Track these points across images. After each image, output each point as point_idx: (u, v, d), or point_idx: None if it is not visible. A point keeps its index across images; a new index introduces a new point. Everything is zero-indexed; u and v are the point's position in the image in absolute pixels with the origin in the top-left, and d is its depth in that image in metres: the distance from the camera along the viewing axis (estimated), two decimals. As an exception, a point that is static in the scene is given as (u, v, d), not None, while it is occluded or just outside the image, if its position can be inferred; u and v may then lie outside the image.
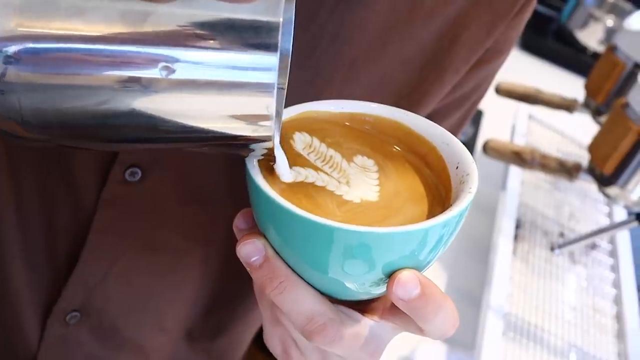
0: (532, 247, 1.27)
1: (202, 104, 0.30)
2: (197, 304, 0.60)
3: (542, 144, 1.57)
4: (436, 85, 0.50)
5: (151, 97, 0.29)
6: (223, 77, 0.29)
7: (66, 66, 0.28)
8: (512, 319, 1.09)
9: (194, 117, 0.30)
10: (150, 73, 0.29)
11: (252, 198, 0.35)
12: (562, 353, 1.08)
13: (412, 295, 0.34)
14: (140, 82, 0.29)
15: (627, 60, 1.31)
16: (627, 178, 1.11)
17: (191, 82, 0.29)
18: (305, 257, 0.34)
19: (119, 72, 0.29)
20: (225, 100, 0.30)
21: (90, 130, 0.31)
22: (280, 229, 0.34)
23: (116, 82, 0.29)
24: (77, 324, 0.56)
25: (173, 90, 0.29)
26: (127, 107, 0.29)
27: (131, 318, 0.59)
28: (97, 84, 0.29)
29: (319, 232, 0.32)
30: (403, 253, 0.33)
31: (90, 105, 0.29)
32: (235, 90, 0.30)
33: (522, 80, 1.52)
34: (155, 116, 0.30)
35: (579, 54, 2.18)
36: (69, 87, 0.29)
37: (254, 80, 0.29)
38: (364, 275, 0.34)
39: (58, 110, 0.29)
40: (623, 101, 1.12)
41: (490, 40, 0.51)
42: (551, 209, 1.40)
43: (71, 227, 0.52)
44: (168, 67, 0.29)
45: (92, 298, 0.55)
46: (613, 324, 1.18)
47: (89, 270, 0.53)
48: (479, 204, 1.43)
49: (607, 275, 1.28)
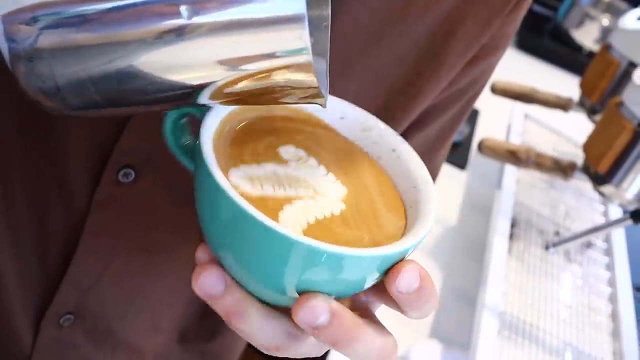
0: (528, 245, 1.27)
1: (232, 47, 0.29)
2: (192, 304, 0.60)
3: (538, 143, 1.57)
4: (432, 80, 0.50)
5: (179, 46, 0.28)
6: (250, 13, 0.28)
7: (94, 26, 0.28)
8: (508, 318, 1.09)
9: (228, 59, 0.29)
10: (174, 16, 0.28)
11: (211, 204, 0.33)
12: (557, 352, 1.08)
13: (412, 288, 0.33)
14: (166, 29, 0.28)
15: (621, 59, 1.31)
16: (621, 176, 1.11)
17: (217, 23, 0.28)
18: (266, 276, 0.33)
19: (145, 22, 0.28)
20: (258, 38, 0.28)
21: (127, 89, 0.30)
22: (244, 243, 0.32)
23: (145, 33, 0.28)
24: (71, 327, 0.56)
25: (203, 35, 0.28)
26: (158, 59, 0.29)
27: (126, 320, 0.58)
28: (126, 39, 0.28)
29: (297, 249, 0.30)
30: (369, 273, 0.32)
31: (123, 62, 0.29)
32: (265, 27, 0.28)
33: (518, 79, 1.52)
34: (188, 65, 0.29)
35: (575, 53, 2.19)
36: (99, 46, 0.29)
37: (284, 12, 0.28)
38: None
39: (91, 72, 0.29)
40: (618, 100, 1.12)
41: (486, 36, 0.51)
42: (546, 208, 1.40)
43: (63, 230, 0.51)
44: (191, 8, 0.28)
45: (86, 300, 0.55)
46: (608, 323, 1.18)
47: (82, 272, 0.53)
48: (475, 203, 1.43)
49: (602, 273, 1.28)
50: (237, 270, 0.34)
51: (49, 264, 0.53)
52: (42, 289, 0.54)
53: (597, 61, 1.39)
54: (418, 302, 0.34)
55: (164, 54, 0.29)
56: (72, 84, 0.30)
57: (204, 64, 0.29)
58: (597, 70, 1.37)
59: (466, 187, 1.49)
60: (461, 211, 1.40)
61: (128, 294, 0.56)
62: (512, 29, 0.53)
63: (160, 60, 0.29)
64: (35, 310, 0.55)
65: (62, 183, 0.49)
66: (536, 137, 1.61)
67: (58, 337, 0.56)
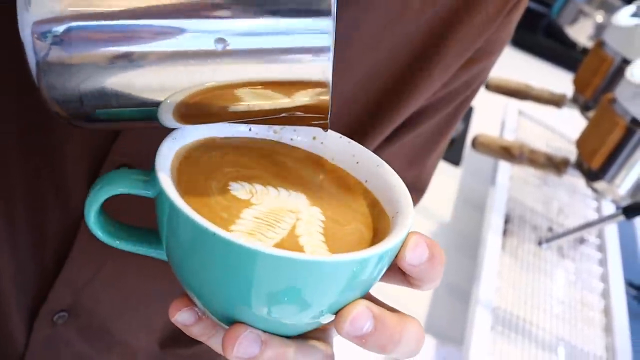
0: (521, 241, 1.27)
1: (257, 74, 0.29)
2: None
3: (532, 139, 1.58)
4: (425, 81, 0.51)
5: (206, 71, 0.29)
6: (278, 44, 0.29)
7: (118, 43, 0.28)
8: (501, 314, 1.10)
9: (249, 85, 0.30)
10: (205, 46, 0.28)
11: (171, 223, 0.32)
12: (550, 347, 1.09)
13: (424, 258, 0.33)
14: (195, 56, 0.28)
15: (615, 55, 1.32)
16: (614, 173, 1.12)
17: (246, 51, 0.29)
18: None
19: (172, 47, 0.28)
20: (281, 69, 0.29)
21: (148, 108, 0.30)
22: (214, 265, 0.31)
23: (169, 58, 0.28)
24: (64, 324, 0.56)
25: (230, 61, 0.29)
26: (184, 81, 0.29)
27: (121, 319, 0.58)
28: (151, 61, 0.28)
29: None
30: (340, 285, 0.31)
31: (147, 82, 0.29)
32: (290, 58, 0.29)
33: (512, 76, 1.53)
34: (211, 89, 0.30)
35: (569, 50, 2.20)
36: (124, 65, 0.28)
37: (310, 45, 0.29)
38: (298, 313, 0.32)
39: (116, 89, 0.29)
40: (610, 96, 1.13)
41: (481, 40, 0.51)
42: (540, 204, 1.41)
43: (60, 231, 0.51)
44: (223, 40, 0.28)
45: (80, 298, 0.55)
46: (601, 318, 1.18)
47: (77, 271, 0.53)
48: (469, 199, 1.44)
49: (595, 269, 1.29)
50: (264, 314, 0.32)
51: (44, 265, 0.53)
52: (37, 288, 0.54)
53: (591, 58, 1.40)
54: (432, 271, 0.34)
55: (186, 76, 0.29)
56: (97, 99, 0.30)
57: (229, 87, 0.30)
58: (590, 67, 1.38)
59: (460, 183, 1.49)
60: (455, 207, 1.41)
61: (122, 293, 0.56)
62: (506, 34, 0.53)
63: (182, 82, 0.29)
64: (29, 310, 0.55)
65: (59, 185, 0.49)
66: (530, 134, 1.62)
67: (52, 335, 0.56)
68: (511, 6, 0.51)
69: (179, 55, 0.29)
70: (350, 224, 0.35)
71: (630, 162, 1.09)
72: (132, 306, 0.58)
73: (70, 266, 0.52)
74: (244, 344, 0.31)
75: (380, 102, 0.51)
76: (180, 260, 0.34)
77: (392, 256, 0.32)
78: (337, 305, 0.32)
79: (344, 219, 0.35)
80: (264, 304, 0.31)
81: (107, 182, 0.34)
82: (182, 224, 0.30)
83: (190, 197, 0.32)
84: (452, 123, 0.58)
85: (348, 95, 0.50)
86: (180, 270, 0.34)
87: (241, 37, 0.28)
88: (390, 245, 0.31)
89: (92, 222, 0.36)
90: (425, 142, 0.57)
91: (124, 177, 0.35)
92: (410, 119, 0.53)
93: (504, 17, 0.51)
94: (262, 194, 0.35)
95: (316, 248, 0.32)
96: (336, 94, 0.49)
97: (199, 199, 0.33)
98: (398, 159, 0.55)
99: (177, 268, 0.35)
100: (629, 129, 1.07)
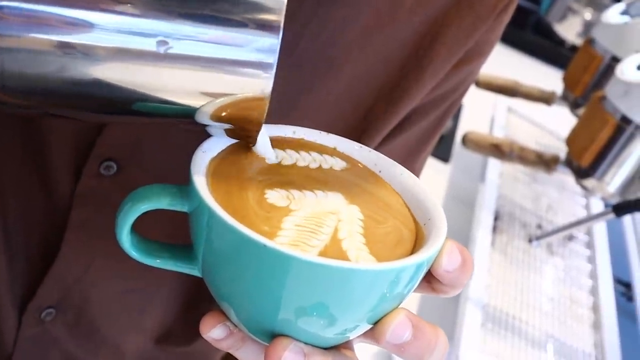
0: (511, 238, 1.28)
1: (193, 81, 0.29)
2: (176, 302, 0.59)
3: (521, 137, 1.58)
4: (417, 83, 0.51)
5: (142, 70, 0.28)
6: (220, 55, 0.28)
7: (53, 30, 0.27)
8: (491, 310, 1.10)
9: (182, 93, 0.29)
10: (145, 46, 0.27)
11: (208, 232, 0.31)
12: (539, 343, 1.09)
13: (457, 264, 0.33)
14: (134, 54, 0.27)
15: (604, 53, 1.32)
16: (604, 170, 1.12)
17: (186, 57, 0.28)
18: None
19: (110, 41, 0.27)
20: (220, 78, 0.29)
21: (76, 100, 0.29)
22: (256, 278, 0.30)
23: (106, 51, 0.27)
24: (52, 321, 0.56)
25: (166, 64, 0.28)
26: (119, 77, 0.28)
27: (109, 317, 0.58)
28: (85, 51, 0.27)
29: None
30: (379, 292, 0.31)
31: (77, 74, 0.28)
32: (231, 70, 0.29)
33: (502, 73, 1.53)
34: (142, 90, 0.29)
35: (558, 47, 2.20)
36: (55, 53, 0.27)
37: (253, 59, 0.28)
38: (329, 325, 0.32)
39: (42, 77, 0.28)
40: (600, 94, 1.13)
41: (471, 42, 0.51)
42: (529, 201, 1.41)
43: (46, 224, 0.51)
44: (165, 42, 0.27)
45: (68, 295, 0.54)
46: (589, 315, 1.19)
47: (66, 267, 0.53)
48: (458, 196, 1.44)
49: (584, 266, 1.30)
50: (307, 326, 0.32)
51: (33, 259, 0.52)
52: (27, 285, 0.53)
53: (580, 55, 1.40)
54: (463, 277, 0.34)
55: (124, 72, 0.28)
56: (19, 85, 0.28)
57: (161, 89, 0.29)
58: (580, 64, 1.38)
59: (450, 180, 1.49)
60: (444, 204, 1.41)
61: (112, 292, 0.56)
62: (495, 35, 0.53)
63: (116, 78, 0.28)
64: (18, 307, 0.54)
65: (44, 176, 0.49)
66: (519, 131, 1.62)
67: (40, 332, 0.56)
68: (501, 8, 0.51)
69: (116, 51, 0.27)
70: (388, 222, 0.35)
71: (620, 159, 1.09)
72: (121, 306, 0.57)
73: (60, 261, 0.52)
74: (289, 358, 0.32)
75: (373, 106, 0.50)
76: (220, 274, 0.33)
77: (430, 263, 0.33)
78: (378, 315, 0.32)
79: (382, 217, 0.35)
80: (308, 315, 0.31)
81: (138, 198, 0.33)
82: (227, 237, 0.30)
83: (229, 210, 0.31)
84: (440, 125, 0.58)
85: (338, 96, 0.49)
86: (218, 284, 0.34)
87: (185, 41, 0.28)
88: (431, 253, 0.32)
89: (125, 242, 0.35)
90: (413, 145, 0.57)
91: (156, 192, 0.34)
92: (399, 122, 0.53)
93: (494, 19, 0.51)
94: (300, 199, 0.35)
95: (359, 252, 0.32)
96: (325, 94, 0.48)
97: (238, 212, 0.32)
98: None
99: (214, 281, 0.34)
100: (618, 126, 1.08)
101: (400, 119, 0.52)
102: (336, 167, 0.38)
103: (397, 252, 0.33)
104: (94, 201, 0.50)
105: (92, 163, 0.48)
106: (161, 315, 0.60)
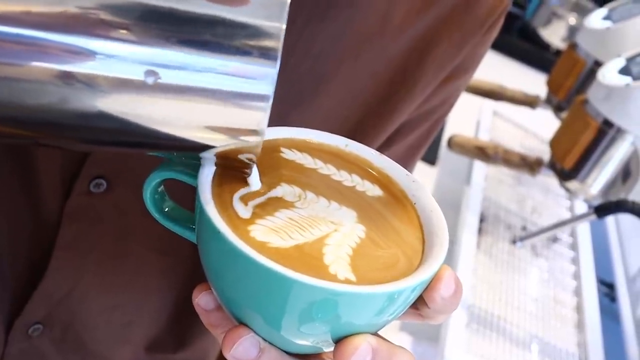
0: (496, 240, 1.29)
1: (184, 113, 0.26)
2: (162, 315, 0.59)
3: (506, 140, 1.60)
4: (405, 99, 0.51)
5: (128, 100, 0.26)
6: (213, 86, 0.26)
7: (25, 57, 0.24)
8: (476, 311, 1.11)
9: (172, 125, 0.27)
10: (132, 75, 0.25)
11: (214, 247, 0.31)
12: (523, 343, 1.10)
13: (451, 292, 0.32)
14: (117, 83, 0.25)
15: (587, 57, 1.34)
16: (586, 172, 1.14)
17: (177, 88, 0.26)
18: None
19: (90, 69, 0.25)
20: (213, 110, 0.26)
21: (51, 130, 0.27)
22: (249, 285, 0.30)
23: (87, 80, 0.25)
24: (39, 337, 0.55)
25: (155, 95, 0.26)
26: (106, 108, 0.26)
27: (96, 331, 0.58)
28: (61, 81, 0.25)
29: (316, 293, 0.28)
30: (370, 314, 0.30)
31: (51, 103, 0.25)
32: (225, 101, 0.26)
33: (487, 77, 1.54)
34: (126, 120, 0.26)
35: (542, 51, 2.22)
36: (26, 81, 0.25)
37: (249, 91, 0.26)
38: (321, 335, 0.31)
39: (19, 105, 0.25)
40: (583, 98, 1.15)
41: (459, 58, 0.51)
42: (514, 203, 1.42)
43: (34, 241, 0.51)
44: (154, 73, 0.25)
45: (56, 311, 0.54)
46: (573, 315, 1.20)
47: (54, 285, 0.52)
48: (444, 198, 1.45)
49: (567, 267, 1.31)
50: (272, 330, 0.32)
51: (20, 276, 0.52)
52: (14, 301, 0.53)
53: (564, 59, 1.42)
54: (452, 304, 0.33)
55: (108, 103, 0.26)
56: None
57: (151, 122, 0.27)
58: (563, 69, 1.40)
59: (436, 182, 1.50)
60: (431, 206, 1.42)
61: (99, 305, 0.56)
62: (483, 51, 0.54)
63: (100, 109, 0.26)
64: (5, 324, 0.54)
65: (32, 195, 0.49)
66: (504, 134, 1.64)
67: (27, 347, 0.55)
68: (490, 23, 0.52)
69: (103, 80, 0.25)
70: (390, 249, 0.33)
71: (602, 162, 1.11)
72: (108, 320, 0.57)
73: (48, 279, 0.52)
74: (243, 346, 0.32)
75: (362, 121, 0.51)
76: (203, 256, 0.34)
77: (422, 289, 0.32)
78: (338, 334, 0.31)
79: (385, 244, 0.33)
80: (263, 315, 0.31)
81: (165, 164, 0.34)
82: (215, 238, 0.30)
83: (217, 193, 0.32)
84: (427, 138, 0.58)
85: (328, 111, 0.50)
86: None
87: (174, 71, 0.25)
88: (424, 278, 0.31)
89: (148, 200, 0.36)
90: (401, 158, 0.56)
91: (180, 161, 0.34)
92: (388, 136, 0.53)
93: (483, 34, 0.52)
94: (311, 201, 0.34)
95: (337, 260, 0.31)
96: (315, 110, 0.49)
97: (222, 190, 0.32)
98: None
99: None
100: (600, 129, 1.09)
101: (390, 133, 0.53)
102: (369, 192, 0.36)
103: (380, 275, 0.31)
104: (84, 218, 0.50)
105: (83, 181, 0.48)
106: (148, 328, 0.60)
